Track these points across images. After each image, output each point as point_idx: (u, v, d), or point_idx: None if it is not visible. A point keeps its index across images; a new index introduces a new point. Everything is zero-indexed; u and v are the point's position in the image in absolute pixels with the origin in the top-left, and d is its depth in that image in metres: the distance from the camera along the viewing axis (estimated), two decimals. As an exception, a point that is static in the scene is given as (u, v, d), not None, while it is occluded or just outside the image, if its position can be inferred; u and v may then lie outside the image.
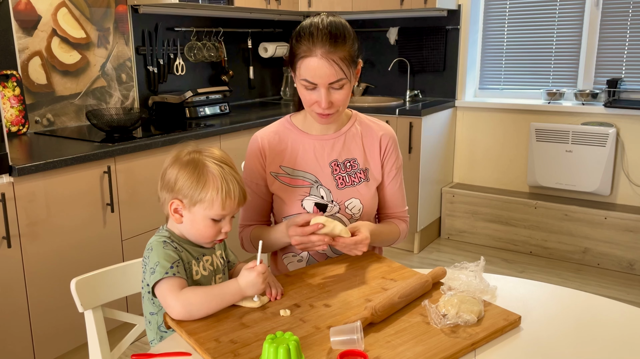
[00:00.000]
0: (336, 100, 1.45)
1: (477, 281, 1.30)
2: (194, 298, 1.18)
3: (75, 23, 2.88)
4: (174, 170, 1.25)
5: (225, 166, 1.25)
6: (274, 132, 1.60)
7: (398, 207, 1.67)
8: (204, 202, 1.22)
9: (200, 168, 1.23)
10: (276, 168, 1.58)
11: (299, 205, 1.55)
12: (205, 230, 1.26)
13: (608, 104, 3.38)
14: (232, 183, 1.23)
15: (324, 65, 1.39)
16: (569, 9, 3.59)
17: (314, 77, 1.41)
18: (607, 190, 3.47)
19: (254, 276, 1.21)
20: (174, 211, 1.26)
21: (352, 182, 1.57)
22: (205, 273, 1.29)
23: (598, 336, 1.15)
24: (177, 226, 1.29)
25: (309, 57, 1.40)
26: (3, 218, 2.02)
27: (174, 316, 1.18)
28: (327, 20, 1.43)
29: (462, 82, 3.92)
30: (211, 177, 1.23)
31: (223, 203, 1.23)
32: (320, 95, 1.43)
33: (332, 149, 1.58)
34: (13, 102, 2.60)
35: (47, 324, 2.22)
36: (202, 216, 1.24)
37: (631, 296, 3.07)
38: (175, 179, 1.24)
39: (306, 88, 1.44)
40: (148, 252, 1.25)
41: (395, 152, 1.64)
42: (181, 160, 1.26)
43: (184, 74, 3.51)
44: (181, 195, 1.24)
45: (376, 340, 1.10)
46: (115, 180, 2.40)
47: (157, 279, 1.20)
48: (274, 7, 3.62)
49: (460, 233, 3.89)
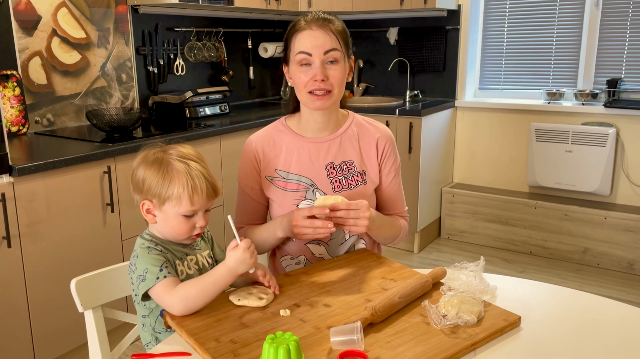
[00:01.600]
0: (331, 77, 1.45)
1: (477, 282, 1.30)
2: (188, 291, 1.18)
3: (75, 23, 2.88)
4: (141, 170, 1.27)
5: (191, 162, 1.25)
6: (268, 135, 1.59)
7: (398, 208, 1.67)
8: (172, 199, 1.23)
9: (165, 166, 1.24)
10: (271, 172, 1.57)
11: (295, 209, 1.54)
12: (179, 227, 1.26)
13: (608, 104, 3.38)
14: (199, 178, 1.24)
15: (319, 34, 1.44)
16: (569, 9, 3.59)
17: (309, 46, 1.43)
18: (607, 190, 3.47)
19: (240, 253, 1.21)
20: (146, 211, 1.28)
21: (349, 185, 1.56)
22: (190, 272, 1.30)
23: (598, 336, 1.15)
24: (155, 226, 1.30)
25: (305, 30, 1.45)
26: (3, 218, 2.02)
27: (174, 313, 1.18)
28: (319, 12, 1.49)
29: (462, 82, 3.92)
30: (176, 173, 1.23)
31: (191, 199, 1.23)
32: (315, 69, 1.44)
33: (328, 152, 1.56)
34: (13, 102, 2.60)
35: (47, 324, 2.22)
36: (173, 213, 1.25)
37: (631, 296, 3.07)
38: (143, 179, 1.26)
39: (300, 64, 1.45)
40: (134, 259, 1.26)
41: (393, 153, 1.62)
42: (147, 160, 1.27)
43: (184, 74, 3.51)
44: (150, 194, 1.25)
45: (376, 340, 1.10)
46: (115, 180, 2.40)
47: (149, 286, 1.20)
48: (274, 7, 3.62)
49: (460, 233, 3.89)
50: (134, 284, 1.25)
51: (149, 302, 1.26)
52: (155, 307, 1.27)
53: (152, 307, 1.27)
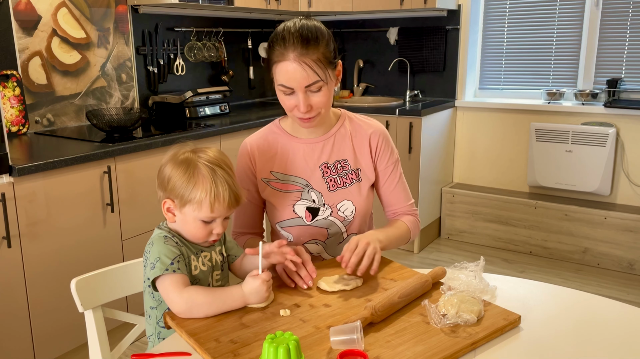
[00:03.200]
0: (315, 103, 1.42)
1: (477, 281, 1.30)
2: (197, 297, 1.19)
3: (75, 23, 2.89)
4: (169, 168, 1.26)
5: (218, 168, 1.24)
6: (262, 137, 1.59)
7: (402, 202, 1.64)
8: (193, 204, 1.23)
9: (192, 169, 1.23)
10: (267, 174, 1.57)
11: (291, 210, 1.55)
12: (196, 231, 1.26)
13: (608, 104, 3.38)
14: (222, 186, 1.23)
15: (297, 69, 1.37)
16: (569, 9, 3.59)
17: (289, 81, 1.39)
18: (607, 190, 3.47)
19: (257, 284, 1.21)
20: (167, 210, 1.28)
21: (343, 184, 1.56)
22: (204, 269, 1.30)
23: (598, 336, 1.15)
24: (173, 225, 1.30)
25: (282, 62, 1.38)
26: (3, 218, 2.02)
27: (175, 312, 1.19)
28: (299, 23, 1.41)
29: (462, 82, 3.92)
30: (201, 178, 1.23)
31: (212, 206, 1.22)
32: (298, 99, 1.41)
33: (322, 151, 1.56)
34: (13, 102, 2.60)
35: (47, 324, 2.22)
36: (192, 217, 1.25)
37: (631, 296, 3.07)
38: (169, 177, 1.25)
39: (284, 93, 1.42)
40: (149, 247, 1.26)
41: (387, 147, 1.60)
42: (176, 159, 1.26)
43: (184, 74, 3.51)
44: (173, 194, 1.25)
45: (376, 340, 1.10)
46: (115, 180, 2.40)
47: (156, 275, 1.21)
48: (274, 7, 3.62)
49: (460, 233, 3.89)
50: (146, 270, 1.25)
51: (157, 293, 1.26)
52: (163, 300, 1.27)
53: (161, 299, 1.27)
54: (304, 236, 1.56)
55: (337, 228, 1.57)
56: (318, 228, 1.56)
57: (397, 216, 1.65)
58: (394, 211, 1.65)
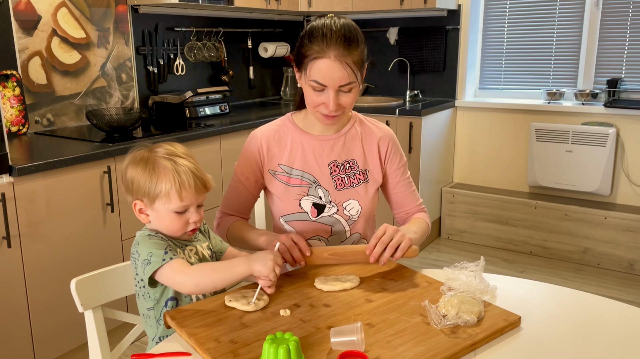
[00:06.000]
0: (344, 103, 1.44)
1: (477, 282, 1.30)
2: (202, 270, 1.22)
3: (75, 23, 2.88)
4: (129, 170, 1.28)
5: (177, 158, 1.26)
6: (274, 129, 1.60)
7: (413, 203, 1.67)
8: (162, 197, 1.24)
9: (152, 164, 1.25)
10: (275, 166, 1.58)
11: (297, 204, 1.55)
12: (172, 223, 1.27)
13: (608, 104, 3.38)
14: (186, 174, 1.24)
15: (336, 68, 1.38)
16: (569, 9, 3.59)
17: (325, 79, 1.40)
18: (607, 190, 3.47)
19: (267, 254, 1.23)
20: (139, 211, 1.29)
21: (351, 184, 1.57)
22: (191, 261, 1.31)
23: (598, 336, 1.15)
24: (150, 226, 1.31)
25: (322, 59, 1.39)
26: (3, 218, 2.02)
27: (186, 291, 1.23)
28: (339, 22, 1.41)
29: (462, 82, 3.92)
30: (162, 170, 1.24)
31: (179, 195, 1.24)
32: (328, 97, 1.42)
33: (332, 150, 1.57)
34: (13, 102, 2.60)
35: (47, 324, 2.22)
36: (165, 210, 1.26)
37: (631, 296, 3.07)
38: (132, 179, 1.27)
39: (314, 89, 1.43)
40: (135, 247, 1.27)
41: (397, 152, 1.63)
42: (135, 160, 1.28)
43: (184, 74, 3.51)
44: (140, 194, 1.26)
45: (376, 340, 1.10)
46: (115, 180, 2.40)
47: (155, 268, 1.21)
48: (274, 7, 3.62)
49: (460, 233, 3.89)
50: (138, 271, 1.26)
51: (154, 292, 1.26)
52: (160, 297, 1.27)
53: (157, 297, 1.27)
54: (308, 231, 1.57)
55: (341, 227, 1.58)
56: (322, 225, 1.56)
57: (409, 216, 1.67)
58: (406, 212, 1.67)
